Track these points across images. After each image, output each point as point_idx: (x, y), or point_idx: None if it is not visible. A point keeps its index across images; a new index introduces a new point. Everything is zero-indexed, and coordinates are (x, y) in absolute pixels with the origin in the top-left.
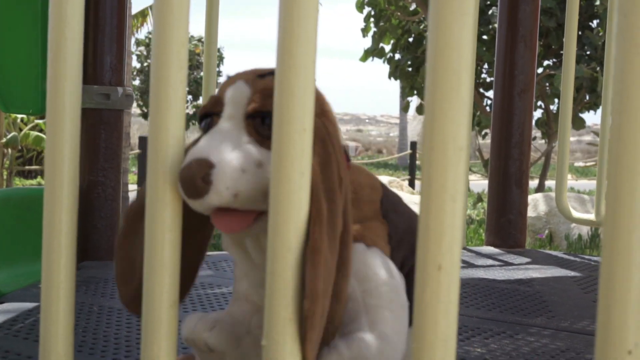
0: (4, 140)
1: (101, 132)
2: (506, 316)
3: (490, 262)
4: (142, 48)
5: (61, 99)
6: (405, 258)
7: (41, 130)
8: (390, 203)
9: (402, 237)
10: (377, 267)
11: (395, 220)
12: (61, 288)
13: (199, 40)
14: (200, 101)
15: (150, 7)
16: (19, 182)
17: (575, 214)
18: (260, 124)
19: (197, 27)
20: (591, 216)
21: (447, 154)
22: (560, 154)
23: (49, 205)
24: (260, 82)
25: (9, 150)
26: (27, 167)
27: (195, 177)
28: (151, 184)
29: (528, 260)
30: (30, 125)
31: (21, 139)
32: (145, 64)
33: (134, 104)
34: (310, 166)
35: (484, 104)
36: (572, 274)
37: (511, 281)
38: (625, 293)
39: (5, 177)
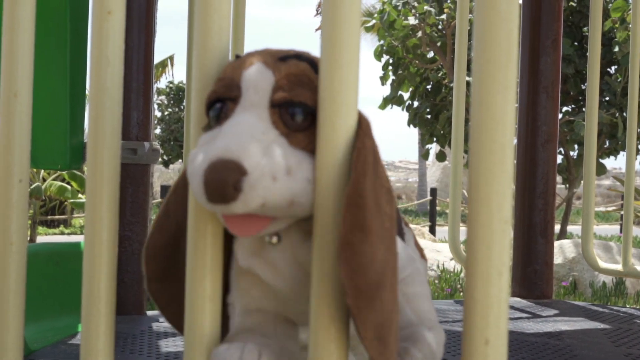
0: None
1: (128, 186)
2: None
3: (518, 314)
4: (162, 97)
5: (100, 155)
6: None
7: (64, 180)
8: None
9: None
10: (406, 256)
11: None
12: (100, 343)
13: None
14: None
15: (170, 57)
16: (42, 231)
17: (602, 264)
18: (286, 114)
19: None
20: (618, 266)
21: (492, 227)
22: (586, 202)
23: (88, 261)
24: (284, 66)
25: (33, 199)
26: (50, 217)
27: (226, 183)
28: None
29: (556, 311)
30: (53, 176)
31: (45, 189)
32: (165, 113)
33: None
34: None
35: None
36: (601, 325)
37: (541, 334)
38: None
39: (29, 226)
